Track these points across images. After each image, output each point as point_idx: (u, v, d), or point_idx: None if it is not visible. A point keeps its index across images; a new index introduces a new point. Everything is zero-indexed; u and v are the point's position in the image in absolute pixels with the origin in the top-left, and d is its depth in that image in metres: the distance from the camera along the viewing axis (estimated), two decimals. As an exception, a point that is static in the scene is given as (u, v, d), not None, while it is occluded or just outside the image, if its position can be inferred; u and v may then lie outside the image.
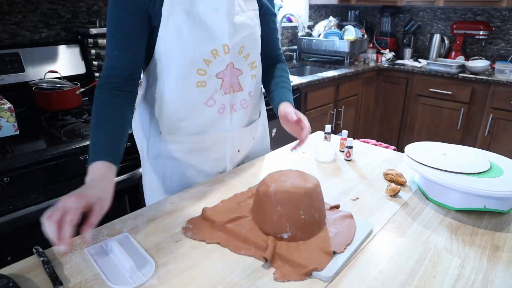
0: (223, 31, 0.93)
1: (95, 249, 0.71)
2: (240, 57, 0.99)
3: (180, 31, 0.89)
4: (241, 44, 0.98)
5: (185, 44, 0.90)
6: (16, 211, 1.26)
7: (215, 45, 0.93)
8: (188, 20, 0.89)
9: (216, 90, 0.98)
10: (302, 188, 0.74)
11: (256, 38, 1.03)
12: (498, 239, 0.77)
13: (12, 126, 1.34)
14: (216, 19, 0.92)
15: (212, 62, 0.94)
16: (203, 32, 0.91)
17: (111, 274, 0.64)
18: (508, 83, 2.63)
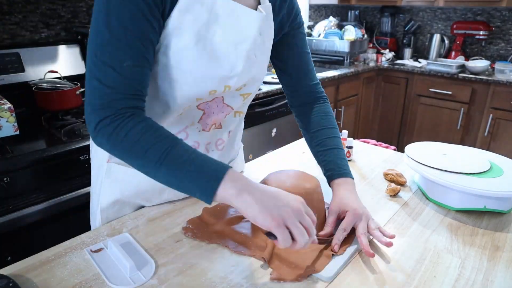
0: (234, 71, 0.71)
1: (95, 249, 0.71)
2: (236, 94, 0.79)
3: (180, 58, 0.66)
4: (244, 82, 0.76)
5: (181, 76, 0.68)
6: (16, 211, 1.26)
7: (217, 86, 0.71)
8: (196, 46, 0.66)
9: (193, 123, 0.78)
10: (302, 188, 0.74)
11: (262, 76, 0.81)
12: (498, 239, 0.77)
13: (12, 126, 1.34)
14: (232, 56, 0.70)
15: (202, 99, 0.74)
16: (209, 68, 0.69)
17: (111, 274, 0.64)
18: (508, 83, 2.63)
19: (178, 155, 0.60)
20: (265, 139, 2.30)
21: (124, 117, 0.61)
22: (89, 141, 1.38)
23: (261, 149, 2.28)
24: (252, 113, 2.13)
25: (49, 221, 1.35)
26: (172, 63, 0.67)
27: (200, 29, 0.66)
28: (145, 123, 0.62)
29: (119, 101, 0.61)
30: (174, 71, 0.67)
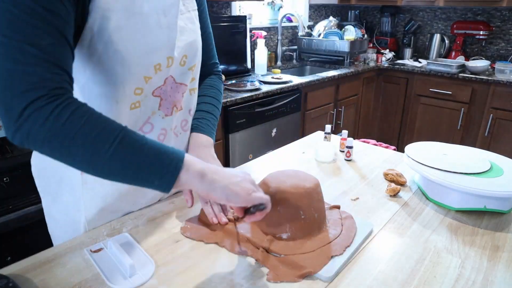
0: (171, 39, 0.73)
1: (94, 249, 0.71)
2: (183, 69, 0.80)
3: (116, 39, 0.64)
4: (184, 53, 0.78)
5: (123, 57, 0.66)
6: (16, 211, 1.26)
7: (160, 58, 0.72)
8: (127, 23, 0.65)
9: (154, 112, 0.77)
10: (302, 188, 0.74)
11: (199, 45, 0.83)
12: (498, 239, 0.77)
13: (12, 126, 1.33)
14: (164, 24, 0.71)
15: (151, 78, 0.73)
16: (146, 41, 0.68)
17: (111, 274, 0.64)
18: (508, 83, 2.63)
19: (131, 141, 0.55)
20: (265, 139, 2.30)
21: (62, 98, 0.53)
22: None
23: (261, 149, 2.28)
24: (252, 113, 2.13)
25: (49, 221, 1.35)
26: (109, 47, 0.64)
27: (127, 5, 0.65)
28: (87, 106, 0.55)
29: (49, 81, 0.53)
30: (114, 54, 0.65)
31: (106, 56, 0.65)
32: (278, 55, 3.11)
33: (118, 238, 0.74)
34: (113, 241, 0.70)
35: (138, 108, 0.74)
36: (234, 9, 2.78)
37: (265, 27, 3.02)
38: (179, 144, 0.86)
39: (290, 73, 3.01)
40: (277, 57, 3.12)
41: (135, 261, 0.65)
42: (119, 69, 0.67)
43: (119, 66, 0.67)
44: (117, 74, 0.67)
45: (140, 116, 0.76)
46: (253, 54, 2.76)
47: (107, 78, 0.68)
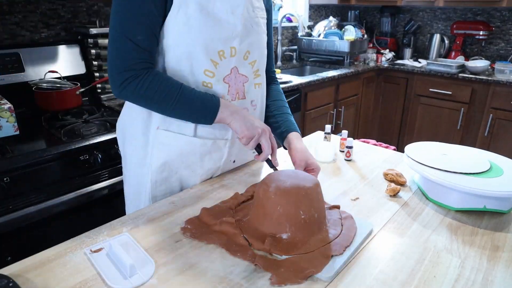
0: (234, 32, 0.90)
1: (94, 249, 0.71)
2: (245, 63, 0.96)
3: (190, 25, 0.85)
4: (247, 49, 0.94)
5: (193, 39, 0.86)
6: (16, 211, 1.26)
7: (224, 46, 0.89)
8: (200, 14, 0.85)
9: (223, 96, 0.93)
10: (302, 188, 0.74)
11: (262, 46, 1.00)
12: (498, 239, 0.77)
13: (12, 126, 1.34)
14: (231, 20, 0.89)
15: (219, 64, 0.90)
16: (215, 29, 0.87)
17: (111, 274, 0.64)
18: (508, 83, 2.63)
19: (186, 96, 0.86)
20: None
21: (142, 75, 0.83)
22: (88, 142, 1.39)
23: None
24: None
25: (49, 221, 1.35)
26: (185, 30, 0.85)
27: (201, 0, 0.84)
28: (158, 76, 0.85)
29: (138, 64, 0.83)
30: (190, 35, 0.85)
31: (181, 37, 0.86)
32: (278, 55, 3.11)
33: (118, 238, 0.74)
34: (113, 241, 0.70)
35: (210, 89, 0.92)
36: (234, 9, 2.78)
37: (265, 27, 3.02)
38: None
39: (290, 73, 3.01)
40: (277, 57, 3.12)
41: (135, 261, 0.65)
42: (190, 49, 0.87)
43: (190, 47, 0.86)
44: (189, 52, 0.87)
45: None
46: (253, 54, 2.76)
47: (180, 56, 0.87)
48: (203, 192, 0.94)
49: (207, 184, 0.99)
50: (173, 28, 0.85)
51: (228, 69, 0.92)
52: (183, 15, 0.84)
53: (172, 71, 0.90)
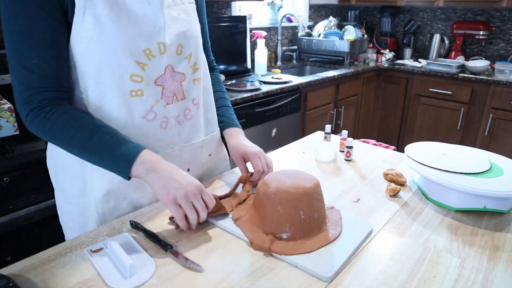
0: (157, 25, 0.77)
1: (94, 249, 0.71)
2: (180, 58, 0.84)
3: (102, 26, 0.71)
4: (178, 42, 0.82)
5: (110, 42, 0.72)
6: (16, 211, 1.26)
7: (149, 43, 0.76)
8: (111, 12, 0.71)
9: (157, 101, 0.81)
10: (302, 188, 0.74)
11: (195, 35, 0.87)
12: (498, 239, 0.77)
13: (12, 126, 1.34)
14: (148, 11, 0.76)
15: (147, 65, 0.77)
16: (132, 27, 0.74)
17: (111, 274, 0.64)
18: (508, 83, 2.63)
19: (97, 142, 0.72)
20: (265, 139, 2.30)
21: (45, 110, 0.71)
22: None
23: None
24: (252, 113, 2.13)
25: (49, 221, 1.35)
26: (96, 34, 0.71)
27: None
28: (66, 115, 0.72)
29: (35, 95, 0.71)
30: (102, 41, 0.72)
31: (94, 43, 0.72)
32: (278, 55, 3.11)
33: (118, 238, 0.74)
34: (113, 241, 0.70)
35: (141, 97, 0.79)
36: (234, 9, 2.78)
37: (265, 27, 3.02)
38: (185, 131, 0.91)
39: (290, 73, 3.01)
40: (277, 57, 3.12)
41: (135, 261, 0.65)
42: (108, 55, 0.73)
43: (108, 52, 0.73)
44: (108, 59, 0.74)
45: (143, 104, 0.80)
46: (253, 54, 2.76)
47: (99, 65, 0.74)
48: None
49: (204, 184, 0.99)
50: (82, 34, 0.71)
51: (160, 68, 0.80)
52: (91, 17, 0.70)
53: (89, 86, 0.76)
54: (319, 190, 0.78)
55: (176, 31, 0.81)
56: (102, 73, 0.74)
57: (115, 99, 0.77)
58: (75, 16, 0.70)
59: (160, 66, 0.80)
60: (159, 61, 0.79)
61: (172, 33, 0.80)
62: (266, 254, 0.71)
